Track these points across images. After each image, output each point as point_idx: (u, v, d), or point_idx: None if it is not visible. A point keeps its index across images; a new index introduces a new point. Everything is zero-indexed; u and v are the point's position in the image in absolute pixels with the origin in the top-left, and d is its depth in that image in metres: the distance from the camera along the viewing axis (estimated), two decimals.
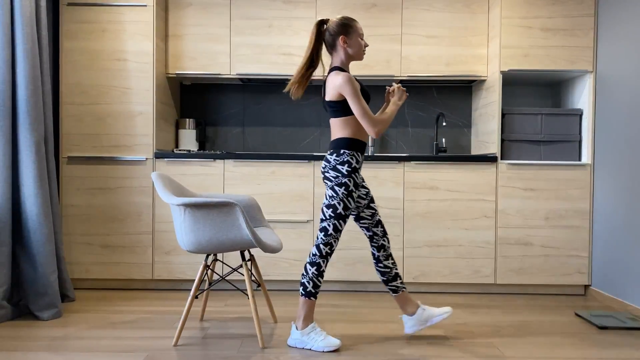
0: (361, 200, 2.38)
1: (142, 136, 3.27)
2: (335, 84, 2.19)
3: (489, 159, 3.25)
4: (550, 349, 2.31)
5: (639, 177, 2.85)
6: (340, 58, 2.29)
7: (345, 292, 3.31)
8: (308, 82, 2.31)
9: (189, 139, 3.66)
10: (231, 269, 3.31)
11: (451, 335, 2.49)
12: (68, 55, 3.25)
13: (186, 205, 2.19)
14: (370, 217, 2.40)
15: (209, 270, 2.60)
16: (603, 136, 3.18)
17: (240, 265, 2.39)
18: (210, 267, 2.54)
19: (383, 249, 2.40)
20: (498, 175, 3.26)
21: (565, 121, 3.34)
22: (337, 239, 2.28)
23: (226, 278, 3.35)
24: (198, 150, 3.78)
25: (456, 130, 3.85)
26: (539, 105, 3.81)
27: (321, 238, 2.26)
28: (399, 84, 2.35)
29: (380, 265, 2.41)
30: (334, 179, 2.24)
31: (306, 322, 2.28)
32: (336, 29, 2.26)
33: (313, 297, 2.27)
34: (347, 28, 2.26)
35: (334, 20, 2.28)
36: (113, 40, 3.26)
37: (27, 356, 2.15)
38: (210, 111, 3.86)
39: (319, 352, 2.23)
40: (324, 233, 2.26)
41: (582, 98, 3.36)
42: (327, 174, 2.26)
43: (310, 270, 2.26)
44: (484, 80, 3.53)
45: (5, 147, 2.61)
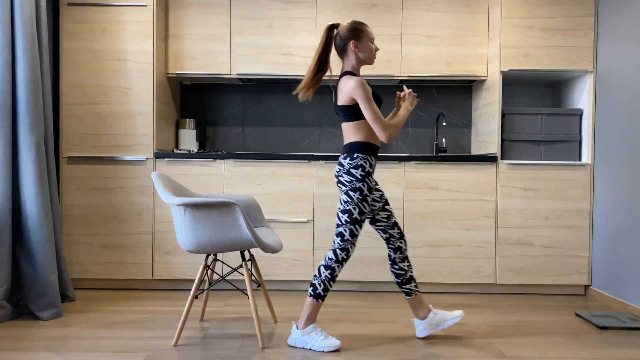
0: (375, 203, 2.38)
1: (142, 136, 3.27)
2: (348, 88, 2.19)
3: (489, 159, 3.25)
4: (551, 349, 2.31)
5: (639, 177, 2.85)
6: (351, 62, 2.29)
7: (345, 292, 3.31)
8: (318, 86, 2.33)
9: (189, 139, 3.66)
10: (231, 269, 3.31)
11: (451, 335, 2.49)
12: (68, 55, 3.25)
13: (186, 205, 2.19)
14: (386, 220, 2.40)
15: (209, 270, 2.60)
16: (603, 136, 3.18)
17: (240, 265, 2.39)
18: (210, 267, 2.54)
19: (400, 251, 2.40)
20: (498, 175, 3.26)
21: (565, 121, 3.34)
22: (354, 244, 2.29)
23: (226, 278, 3.35)
24: (198, 150, 3.78)
25: (456, 130, 3.85)
26: (539, 105, 3.81)
27: (338, 243, 2.27)
28: (409, 89, 2.36)
29: (396, 267, 2.41)
30: (348, 184, 2.24)
31: (308, 322, 2.28)
32: (347, 34, 2.26)
33: (321, 300, 2.28)
34: (358, 32, 2.26)
35: (345, 25, 2.28)
36: (113, 40, 3.26)
37: (27, 356, 2.15)
38: (210, 111, 3.86)
39: (319, 352, 2.23)
40: (340, 238, 2.26)
41: (582, 98, 3.36)
42: (342, 177, 2.26)
43: (323, 273, 2.27)
44: (484, 80, 3.53)
45: (5, 147, 2.61)
